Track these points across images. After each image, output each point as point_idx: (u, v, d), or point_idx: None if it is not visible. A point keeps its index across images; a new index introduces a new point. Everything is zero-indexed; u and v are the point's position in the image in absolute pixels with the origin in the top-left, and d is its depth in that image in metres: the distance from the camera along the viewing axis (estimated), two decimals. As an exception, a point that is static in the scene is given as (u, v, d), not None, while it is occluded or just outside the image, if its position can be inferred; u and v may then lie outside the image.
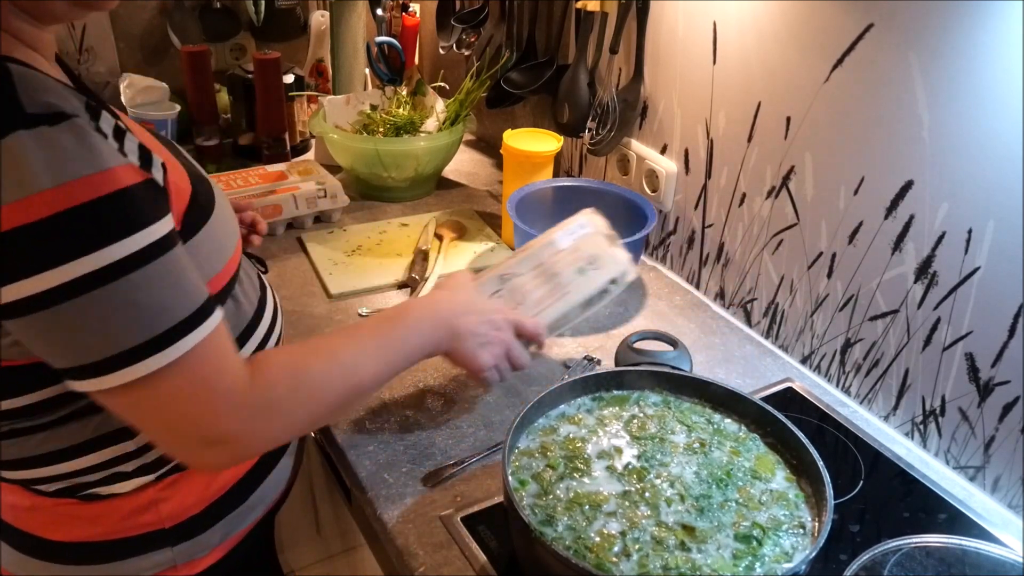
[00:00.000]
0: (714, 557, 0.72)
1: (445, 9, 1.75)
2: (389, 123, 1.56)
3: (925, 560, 0.81)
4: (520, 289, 0.99)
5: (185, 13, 1.83)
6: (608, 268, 1.01)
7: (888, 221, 0.99)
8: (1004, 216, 0.86)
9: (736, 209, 1.21)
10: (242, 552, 0.89)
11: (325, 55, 1.88)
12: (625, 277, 1.02)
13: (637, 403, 0.90)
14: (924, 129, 0.92)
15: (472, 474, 0.94)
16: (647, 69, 1.32)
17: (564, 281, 1.00)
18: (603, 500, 0.77)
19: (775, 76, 1.09)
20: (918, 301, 0.98)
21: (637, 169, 1.39)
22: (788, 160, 1.10)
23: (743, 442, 0.85)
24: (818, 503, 0.77)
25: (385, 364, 0.81)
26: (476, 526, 0.87)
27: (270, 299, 0.91)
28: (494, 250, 1.42)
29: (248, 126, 1.73)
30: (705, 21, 1.18)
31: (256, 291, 0.87)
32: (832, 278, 1.09)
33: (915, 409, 1.02)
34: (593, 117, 1.39)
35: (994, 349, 0.91)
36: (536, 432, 0.85)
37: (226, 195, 0.89)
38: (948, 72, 0.88)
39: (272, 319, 0.89)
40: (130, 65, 1.84)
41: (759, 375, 1.14)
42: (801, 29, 1.03)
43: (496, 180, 1.71)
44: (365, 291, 1.29)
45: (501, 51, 1.59)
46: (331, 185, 1.47)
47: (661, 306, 1.29)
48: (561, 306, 0.98)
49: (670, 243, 1.38)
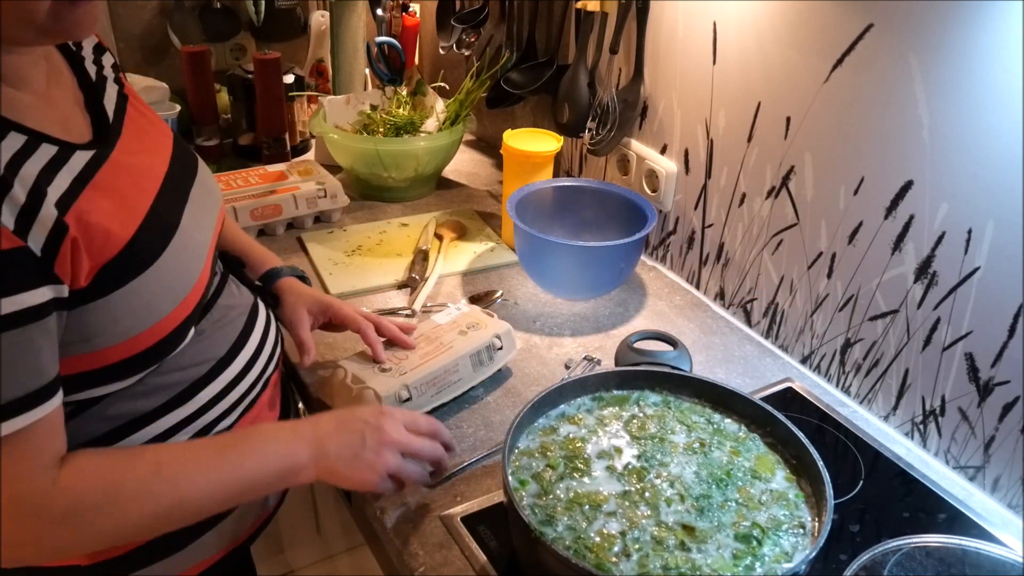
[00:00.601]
0: (714, 557, 0.72)
1: (445, 9, 1.75)
2: (389, 123, 1.56)
3: (925, 560, 0.81)
4: (400, 352, 1.02)
5: (185, 13, 1.83)
6: (490, 329, 1.06)
7: (888, 221, 0.99)
8: (1004, 216, 0.86)
9: (736, 209, 1.21)
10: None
11: (325, 55, 1.88)
12: (510, 335, 1.07)
13: (637, 403, 0.90)
14: (924, 129, 0.92)
15: (472, 474, 0.94)
16: (647, 69, 1.32)
17: (446, 340, 1.04)
18: (603, 500, 0.77)
19: (775, 76, 1.09)
20: (918, 301, 0.98)
21: (637, 169, 1.39)
22: (788, 160, 1.10)
23: (743, 442, 0.85)
24: (818, 503, 0.77)
25: (220, 484, 0.72)
26: (476, 526, 0.86)
27: (256, 335, 0.88)
28: (494, 250, 1.42)
29: (248, 126, 1.73)
30: (705, 21, 1.18)
31: (238, 325, 0.85)
32: (832, 278, 1.09)
33: (915, 409, 1.02)
34: (593, 117, 1.39)
35: (994, 349, 0.91)
36: (536, 432, 0.85)
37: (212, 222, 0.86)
38: (948, 72, 0.88)
39: (251, 358, 0.86)
40: (130, 65, 1.84)
41: (759, 375, 1.14)
42: (801, 29, 1.03)
43: (496, 180, 1.71)
44: (365, 291, 1.29)
45: (501, 51, 1.59)
46: (331, 185, 1.47)
47: (661, 306, 1.29)
48: (445, 357, 1.01)
49: (670, 243, 1.38)
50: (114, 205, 0.70)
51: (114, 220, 0.69)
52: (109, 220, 0.68)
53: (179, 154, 0.84)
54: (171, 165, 0.81)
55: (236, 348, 0.84)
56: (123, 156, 0.74)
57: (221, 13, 1.87)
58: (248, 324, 0.88)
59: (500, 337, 1.06)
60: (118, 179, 0.72)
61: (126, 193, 0.72)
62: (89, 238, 0.65)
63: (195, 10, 1.85)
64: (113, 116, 0.78)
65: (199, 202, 0.83)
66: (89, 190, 0.68)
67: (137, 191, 0.74)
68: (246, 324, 0.87)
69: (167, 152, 0.83)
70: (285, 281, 1.04)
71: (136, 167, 0.76)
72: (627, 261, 1.24)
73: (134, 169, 0.75)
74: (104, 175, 0.70)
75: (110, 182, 0.70)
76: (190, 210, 0.81)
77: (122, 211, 0.71)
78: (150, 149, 0.80)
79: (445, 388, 1.01)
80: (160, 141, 0.83)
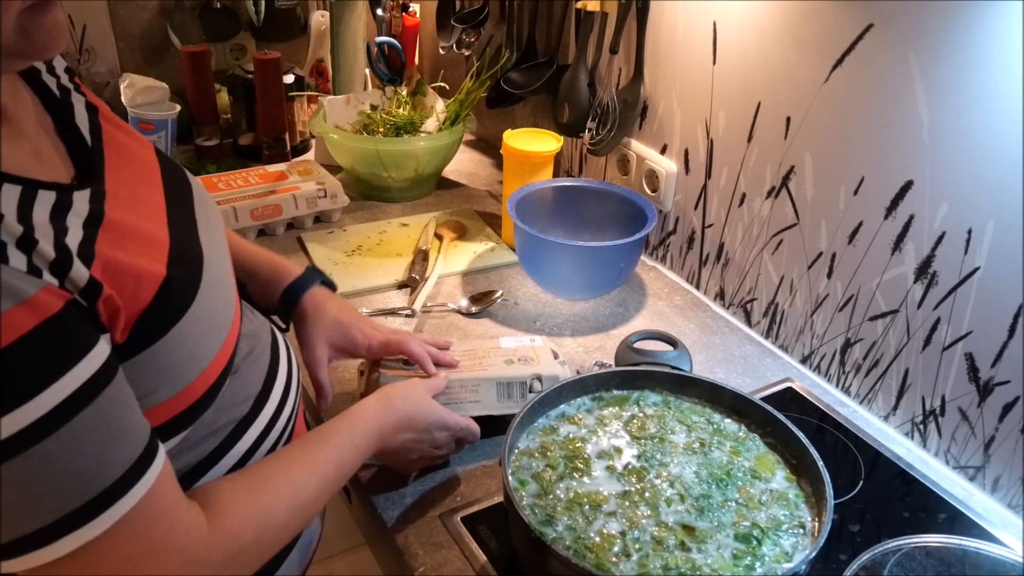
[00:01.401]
0: (714, 557, 0.72)
1: (445, 9, 1.75)
2: (389, 123, 1.56)
3: (925, 560, 0.81)
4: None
5: (185, 13, 1.83)
6: (534, 368, 0.96)
7: (888, 221, 0.99)
8: (1004, 216, 0.86)
9: (736, 209, 1.21)
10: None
11: (325, 55, 1.88)
12: (556, 379, 0.94)
13: (637, 403, 0.90)
14: (924, 129, 0.92)
15: (472, 474, 0.94)
16: (647, 69, 1.32)
17: (487, 363, 0.96)
18: (603, 500, 0.77)
19: (775, 76, 1.09)
20: (918, 301, 0.98)
21: (637, 169, 1.39)
22: (788, 160, 1.10)
23: (743, 442, 0.85)
24: (818, 503, 0.77)
25: (334, 486, 0.76)
26: (476, 526, 0.86)
27: (283, 362, 0.81)
28: (494, 250, 1.42)
29: (248, 126, 1.73)
30: (705, 21, 1.18)
31: (266, 355, 0.78)
32: (832, 278, 1.09)
33: (915, 409, 1.02)
34: (593, 117, 1.39)
35: (994, 349, 0.91)
36: (536, 432, 0.85)
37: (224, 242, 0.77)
38: (948, 72, 0.88)
39: (285, 387, 0.80)
40: (130, 65, 1.84)
41: (759, 375, 1.14)
42: (801, 29, 1.03)
43: (496, 180, 1.71)
44: (365, 291, 1.29)
45: (501, 51, 1.59)
46: (331, 185, 1.47)
47: (661, 306, 1.29)
48: (471, 375, 0.94)
49: (670, 243, 1.38)
50: (136, 244, 0.61)
51: (142, 260, 0.60)
52: (137, 261, 0.60)
53: (167, 171, 0.75)
54: (166, 186, 0.72)
55: (270, 379, 0.77)
56: (117, 186, 0.64)
57: (221, 13, 1.87)
58: (273, 351, 0.80)
59: (541, 380, 0.95)
60: (127, 214, 0.63)
61: (141, 228, 0.63)
62: (120, 286, 0.57)
63: (195, 10, 1.85)
64: (91, 138, 0.67)
65: (206, 222, 0.74)
66: (104, 233, 0.58)
67: (149, 222, 0.65)
68: (272, 351, 0.80)
69: (155, 170, 0.73)
70: (308, 299, 0.93)
71: (136, 196, 0.67)
72: (627, 261, 1.24)
73: (135, 199, 0.66)
74: (112, 212, 0.61)
75: (121, 219, 0.61)
76: (204, 232, 0.72)
77: (146, 249, 0.62)
78: (140, 172, 0.71)
79: (457, 403, 0.93)
80: (145, 158, 0.73)
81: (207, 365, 0.65)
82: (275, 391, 0.77)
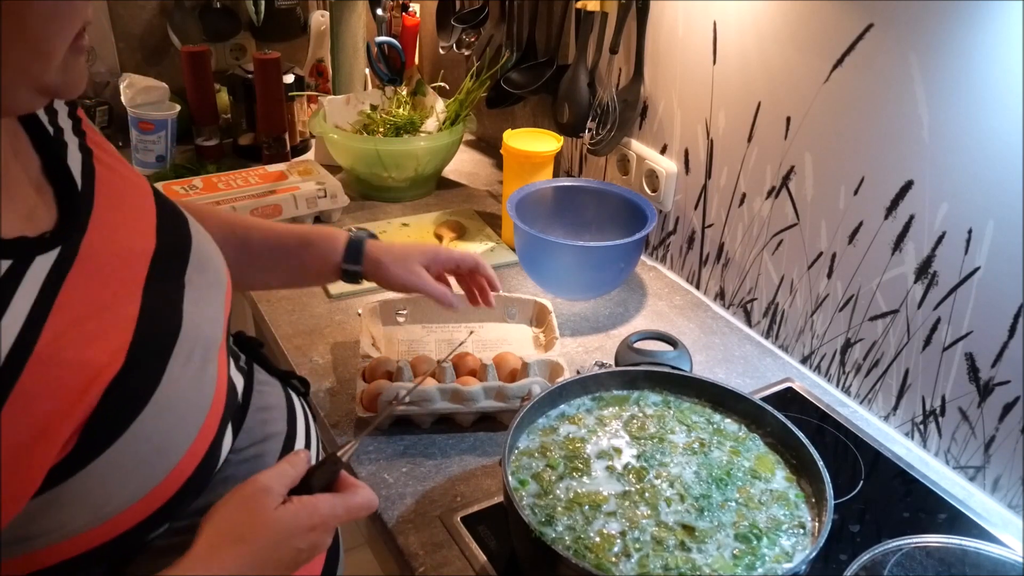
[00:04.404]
0: (714, 557, 0.72)
1: (445, 9, 1.75)
2: (389, 123, 1.56)
3: (925, 560, 0.81)
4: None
5: (185, 13, 1.83)
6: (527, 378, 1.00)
7: (888, 221, 0.99)
8: (1004, 216, 0.86)
9: (736, 209, 1.21)
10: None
11: (325, 55, 1.88)
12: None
13: (637, 403, 0.90)
14: (924, 129, 0.92)
15: (472, 474, 0.94)
16: (647, 69, 1.32)
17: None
18: (603, 500, 0.77)
19: (775, 76, 1.09)
20: (918, 301, 0.98)
21: (637, 169, 1.39)
22: (788, 160, 1.10)
23: (743, 442, 0.85)
24: (818, 503, 0.77)
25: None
26: (476, 526, 0.86)
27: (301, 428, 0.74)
28: (494, 250, 1.42)
29: (248, 126, 1.73)
30: (705, 21, 1.18)
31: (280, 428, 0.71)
32: (832, 278, 1.09)
33: (915, 409, 1.02)
34: (593, 117, 1.39)
35: (994, 349, 0.91)
36: (536, 432, 0.85)
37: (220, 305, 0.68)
38: (948, 72, 0.88)
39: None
40: (130, 65, 1.84)
41: (759, 375, 1.14)
42: (801, 29, 1.03)
43: (496, 180, 1.71)
44: (364, 291, 1.29)
45: (501, 51, 1.59)
46: (331, 185, 1.47)
47: (661, 306, 1.29)
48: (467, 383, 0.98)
49: (670, 243, 1.38)
50: (92, 325, 0.53)
51: (92, 350, 0.53)
52: (84, 354, 0.52)
53: (167, 221, 0.67)
54: (159, 237, 0.64)
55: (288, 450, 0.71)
56: (99, 238, 0.58)
57: (221, 13, 1.87)
58: (290, 422, 0.73)
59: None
60: (92, 282, 0.56)
61: (104, 303, 0.56)
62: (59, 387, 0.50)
63: (195, 10, 1.85)
64: (82, 181, 0.61)
65: (198, 286, 0.66)
66: (55, 315, 0.51)
67: (119, 291, 0.58)
68: (288, 423, 0.73)
69: (150, 218, 0.65)
70: (372, 244, 0.93)
71: (117, 252, 0.60)
72: (627, 261, 1.24)
73: (114, 257, 0.59)
74: (74, 285, 0.54)
75: (81, 296, 0.54)
76: (191, 298, 0.64)
77: (104, 331, 0.54)
78: (131, 219, 0.64)
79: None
80: (140, 203, 0.66)
81: (179, 459, 0.57)
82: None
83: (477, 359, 1.04)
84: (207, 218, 0.82)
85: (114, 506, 0.54)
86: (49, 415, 0.50)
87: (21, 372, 0.48)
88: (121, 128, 1.69)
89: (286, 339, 1.16)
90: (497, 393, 0.98)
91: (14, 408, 0.48)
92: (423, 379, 0.97)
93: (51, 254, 0.54)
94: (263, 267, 0.93)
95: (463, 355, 1.04)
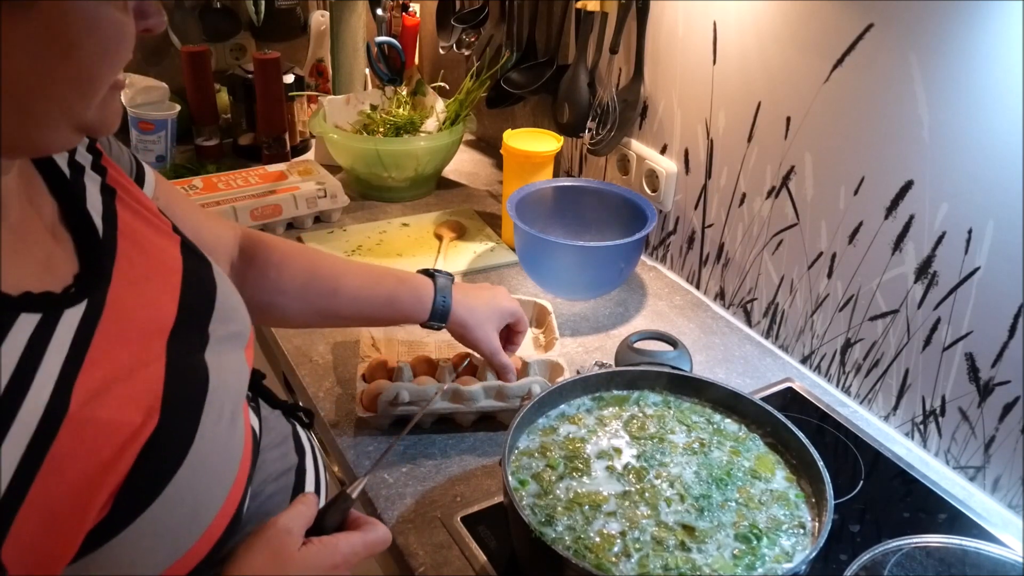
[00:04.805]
0: (714, 557, 0.72)
1: (445, 9, 1.75)
2: (389, 123, 1.56)
3: (925, 560, 0.81)
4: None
5: (185, 13, 1.83)
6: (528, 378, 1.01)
7: (888, 221, 0.99)
8: (1004, 216, 0.86)
9: (736, 209, 1.21)
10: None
11: (325, 55, 1.88)
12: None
13: (637, 403, 0.90)
14: (924, 129, 0.92)
15: (472, 474, 0.94)
16: (647, 69, 1.32)
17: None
18: (603, 500, 0.77)
19: (775, 76, 1.09)
20: (918, 301, 0.98)
21: (637, 169, 1.39)
22: (788, 160, 1.10)
23: (743, 442, 0.85)
24: (818, 503, 0.77)
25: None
26: (476, 526, 0.86)
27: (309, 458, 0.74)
28: (494, 250, 1.42)
29: (248, 126, 1.73)
30: (705, 21, 1.18)
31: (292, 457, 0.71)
32: (832, 278, 1.09)
33: (915, 409, 1.02)
34: (593, 117, 1.39)
35: (994, 349, 0.91)
36: (536, 432, 0.85)
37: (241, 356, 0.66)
38: (948, 72, 0.88)
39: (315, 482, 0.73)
40: (130, 65, 1.82)
41: (759, 375, 1.14)
42: (801, 29, 1.03)
43: (496, 180, 1.71)
44: (365, 291, 1.29)
45: (501, 51, 1.59)
46: (331, 185, 1.47)
47: (661, 306, 1.29)
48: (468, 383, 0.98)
49: (670, 243, 1.38)
50: (123, 383, 0.51)
51: (127, 405, 0.50)
52: (120, 408, 0.50)
53: (193, 271, 0.64)
54: (184, 287, 0.62)
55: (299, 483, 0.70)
56: (123, 290, 0.55)
57: (221, 13, 1.87)
58: (298, 451, 0.73)
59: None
60: (121, 333, 0.53)
61: (134, 356, 0.53)
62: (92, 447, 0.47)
63: (195, 10, 1.85)
64: (103, 226, 0.58)
65: (221, 338, 0.63)
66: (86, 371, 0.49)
67: (147, 342, 0.55)
68: (297, 453, 0.73)
69: (176, 270, 0.63)
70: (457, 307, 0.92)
71: (143, 304, 0.57)
72: (627, 261, 1.24)
73: (140, 309, 0.57)
74: (102, 338, 0.51)
75: (108, 349, 0.51)
76: (213, 350, 0.61)
77: (135, 386, 0.52)
78: (156, 272, 0.61)
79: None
80: (167, 253, 0.63)
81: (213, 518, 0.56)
82: (307, 487, 0.72)
83: (477, 359, 1.04)
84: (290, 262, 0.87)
85: (151, 569, 0.53)
86: (85, 479, 0.47)
87: (56, 435, 0.46)
88: (121, 128, 1.69)
89: (285, 339, 1.16)
90: (497, 393, 0.98)
91: (50, 472, 0.45)
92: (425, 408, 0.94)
93: (79, 308, 0.51)
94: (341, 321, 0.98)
95: (463, 355, 1.04)
